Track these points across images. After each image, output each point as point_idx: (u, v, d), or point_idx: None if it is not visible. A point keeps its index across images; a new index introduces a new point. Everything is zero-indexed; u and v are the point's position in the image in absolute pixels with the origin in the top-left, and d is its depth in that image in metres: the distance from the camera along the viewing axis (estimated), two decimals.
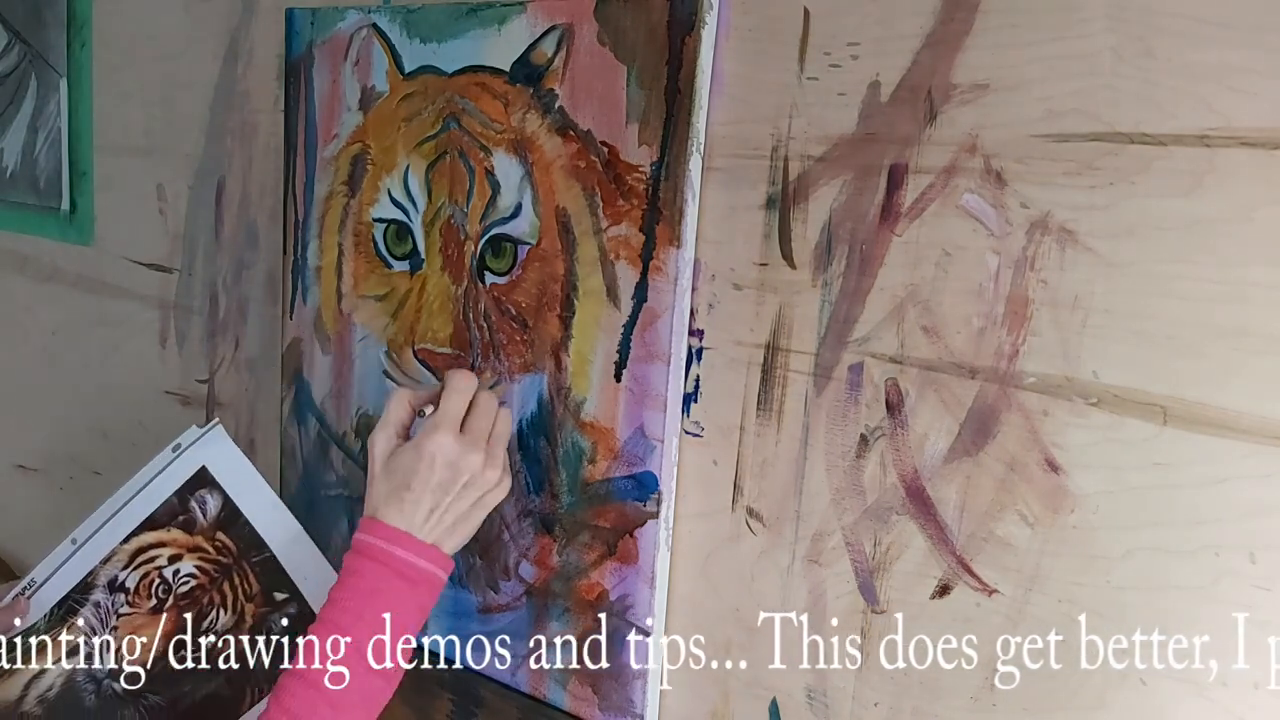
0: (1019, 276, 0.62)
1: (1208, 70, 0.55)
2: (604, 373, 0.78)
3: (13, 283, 1.42)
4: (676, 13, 0.72)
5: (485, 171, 0.83)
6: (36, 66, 1.31)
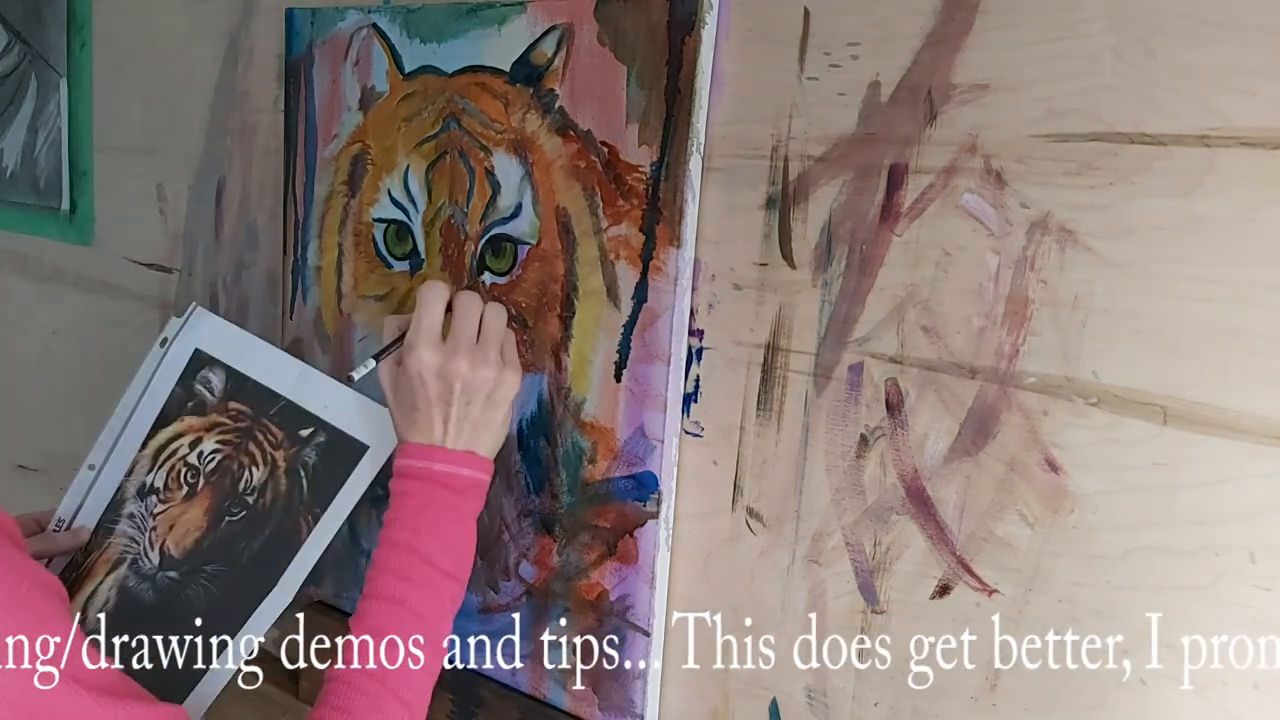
0: (1019, 276, 0.62)
1: (1208, 70, 0.55)
2: (604, 373, 0.78)
3: (13, 283, 1.42)
4: (676, 13, 0.72)
5: (485, 171, 0.83)
6: (36, 66, 1.31)
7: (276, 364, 0.87)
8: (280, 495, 0.85)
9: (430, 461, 0.74)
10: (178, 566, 0.87)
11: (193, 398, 0.88)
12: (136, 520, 0.88)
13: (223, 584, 0.85)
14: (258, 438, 0.87)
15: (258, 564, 0.85)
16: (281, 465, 0.86)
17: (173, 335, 0.88)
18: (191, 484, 0.87)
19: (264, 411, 0.87)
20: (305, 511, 0.85)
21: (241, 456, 0.87)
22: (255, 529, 0.86)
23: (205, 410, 0.88)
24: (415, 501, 0.74)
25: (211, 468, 0.87)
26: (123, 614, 0.87)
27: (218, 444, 0.87)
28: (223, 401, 0.88)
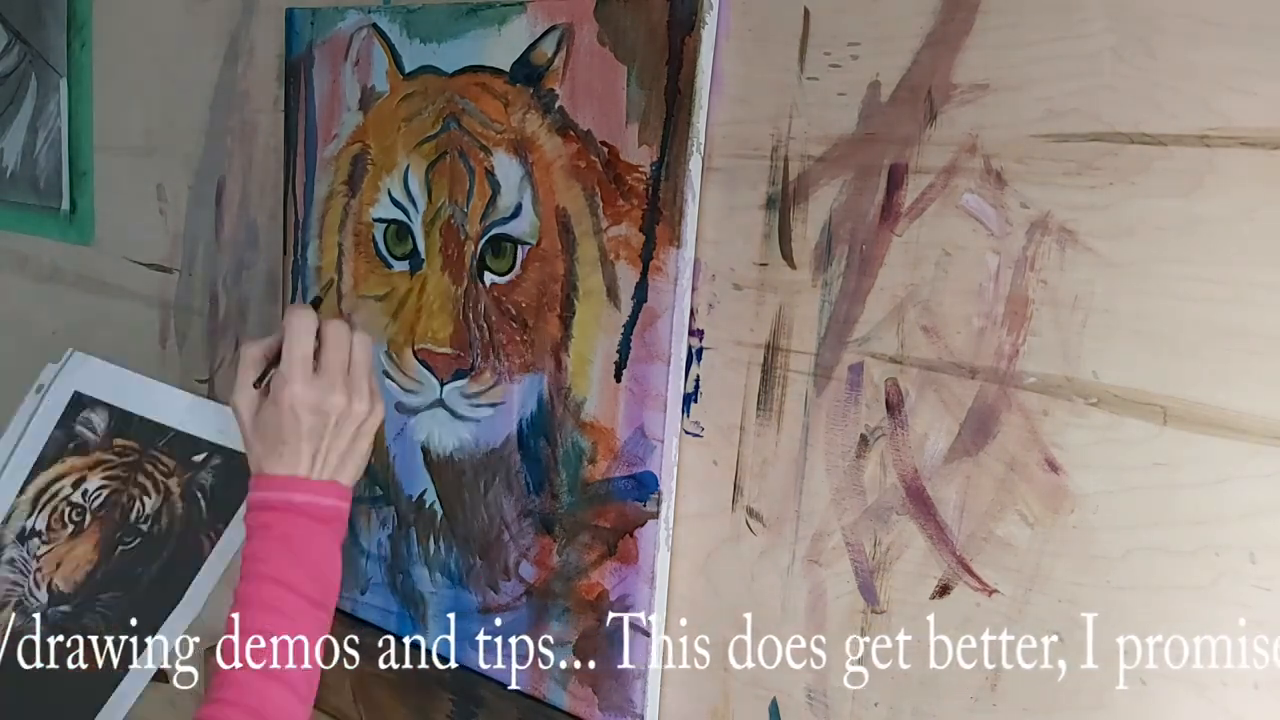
0: (1019, 276, 0.62)
1: (1208, 70, 0.55)
2: (604, 373, 0.78)
3: (13, 283, 1.42)
4: (676, 13, 0.72)
5: (485, 171, 0.83)
6: (36, 66, 1.31)
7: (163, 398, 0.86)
8: (177, 519, 0.86)
9: (289, 493, 0.73)
10: (69, 600, 0.86)
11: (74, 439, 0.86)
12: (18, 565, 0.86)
13: (121, 609, 0.86)
14: (147, 469, 0.86)
15: (158, 584, 0.85)
16: (175, 491, 0.86)
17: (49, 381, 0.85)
18: (77, 521, 0.86)
19: (152, 444, 0.86)
20: (206, 529, 0.86)
21: (131, 489, 0.86)
22: (152, 553, 0.86)
23: (88, 449, 0.86)
24: (278, 532, 0.72)
25: (98, 503, 0.86)
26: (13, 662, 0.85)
27: (104, 480, 0.86)
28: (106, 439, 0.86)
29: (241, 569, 0.73)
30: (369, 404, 0.75)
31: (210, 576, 0.85)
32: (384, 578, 0.95)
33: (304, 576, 0.72)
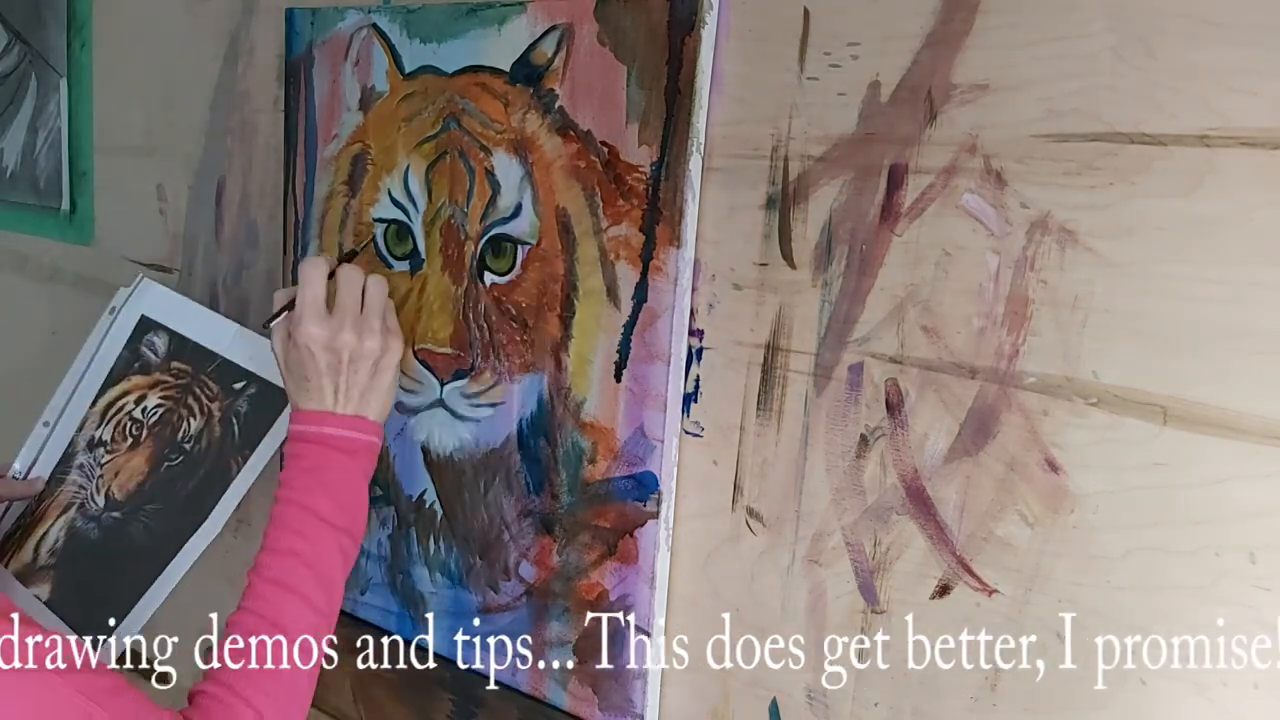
0: (1019, 276, 0.62)
1: (1208, 70, 0.55)
2: (604, 373, 0.78)
3: (13, 283, 1.42)
4: (676, 13, 0.72)
5: (485, 171, 0.83)
6: (36, 66, 1.31)
7: (215, 326, 0.96)
8: (214, 441, 0.94)
9: (321, 426, 0.78)
10: (120, 507, 0.95)
11: (139, 359, 0.97)
12: (85, 470, 0.97)
13: (162, 519, 0.94)
14: (196, 392, 0.95)
15: (192, 500, 0.93)
16: (216, 415, 0.94)
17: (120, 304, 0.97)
18: (135, 435, 0.96)
19: (202, 369, 0.95)
20: (235, 454, 0.93)
21: (181, 409, 0.95)
22: (190, 471, 0.94)
23: (150, 370, 0.96)
24: (308, 463, 0.77)
25: (155, 420, 0.96)
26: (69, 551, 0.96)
27: (160, 399, 0.96)
28: (165, 361, 0.96)
29: (276, 491, 0.78)
30: (381, 340, 0.78)
31: (233, 498, 0.92)
32: (384, 578, 0.95)
33: (328, 503, 0.76)
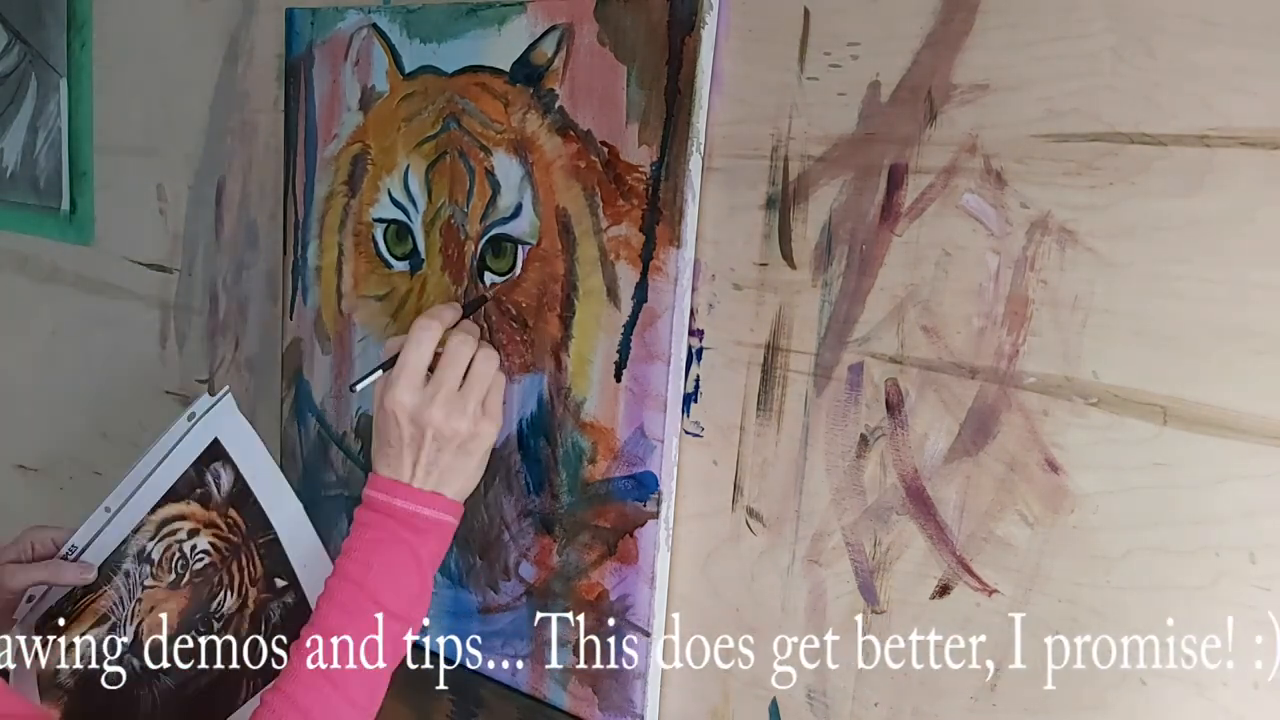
0: (1019, 276, 0.62)
1: (1208, 70, 0.55)
2: (604, 373, 0.78)
3: (13, 283, 1.42)
4: (676, 13, 0.72)
5: (485, 171, 0.83)
6: (36, 66, 1.31)
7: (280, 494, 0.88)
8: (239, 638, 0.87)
9: (393, 497, 0.74)
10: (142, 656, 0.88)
11: (202, 485, 0.89)
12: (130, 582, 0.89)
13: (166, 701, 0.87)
14: (241, 560, 0.88)
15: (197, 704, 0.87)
16: (250, 606, 0.87)
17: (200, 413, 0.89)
18: (179, 574, 0.88)
19: (255, 536, 0.87)
20: (250, 679, 0.86)
21: (224, 573, 0.88)
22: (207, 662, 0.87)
23: (209, 503, 0.88)
24: (372, 535, 0.74)
25: (199, 568, 0.88)
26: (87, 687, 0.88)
27: (210, 544, 0.88)
28: (225, 504, 0.88)
29: (337, 560, 0.75)
30: (471, 424, 0.73)
31: None
32: None
33: (385, 585, 0.72)
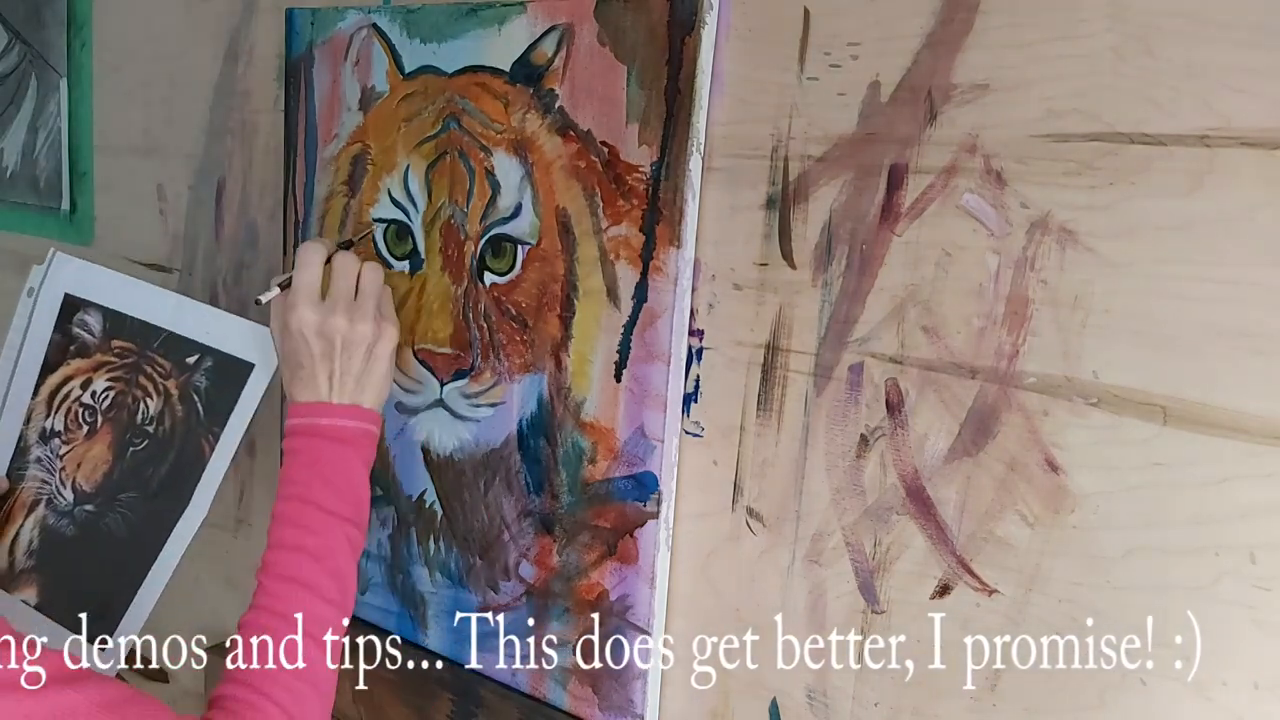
0: (1019, 276, 0.62)
1: (1208, 70, 0.55)
2: (604, 373, 0.78)
3: (13, 283, 1.42)
4: (676, 13, 0.72)
5: (485, 171, 0.83)
6: (36, 66, 1.31)
7: (151, 298, 0.90)
8: (178, 421, 0.89)
9: (315, 418, 0.77)
10: (92, 499, 0.91)
11: (73, 341, 0.91)
12: (44, 463, 0.92)
13: (139, 508, 0.89)
14: (146, 371, 0.90)
15: (169, 486, 0.89)
16: (174, 393, 0.89)
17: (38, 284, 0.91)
18: (90, 422, 0.91)
19: (148, 345, 0.90)
20: (205, 432, 0.88)
21: (134, 390, 0.90)
22: (160, 455, 0.89)
23: (89, 351, 0.91)
24: (305, 458, 0.77)
25: (107, 404, 0.91)
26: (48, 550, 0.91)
27: (109, 382, 0.91)
28: (104, 341, 0.91)
29: (278, 490, 0.78)
30: (374, 326, 0.78)
31: (213, 480, 0.88)
32: (384, 578, 0.95)
33: (330, 495, 0.76)
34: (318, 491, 0.76)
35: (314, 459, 0.77)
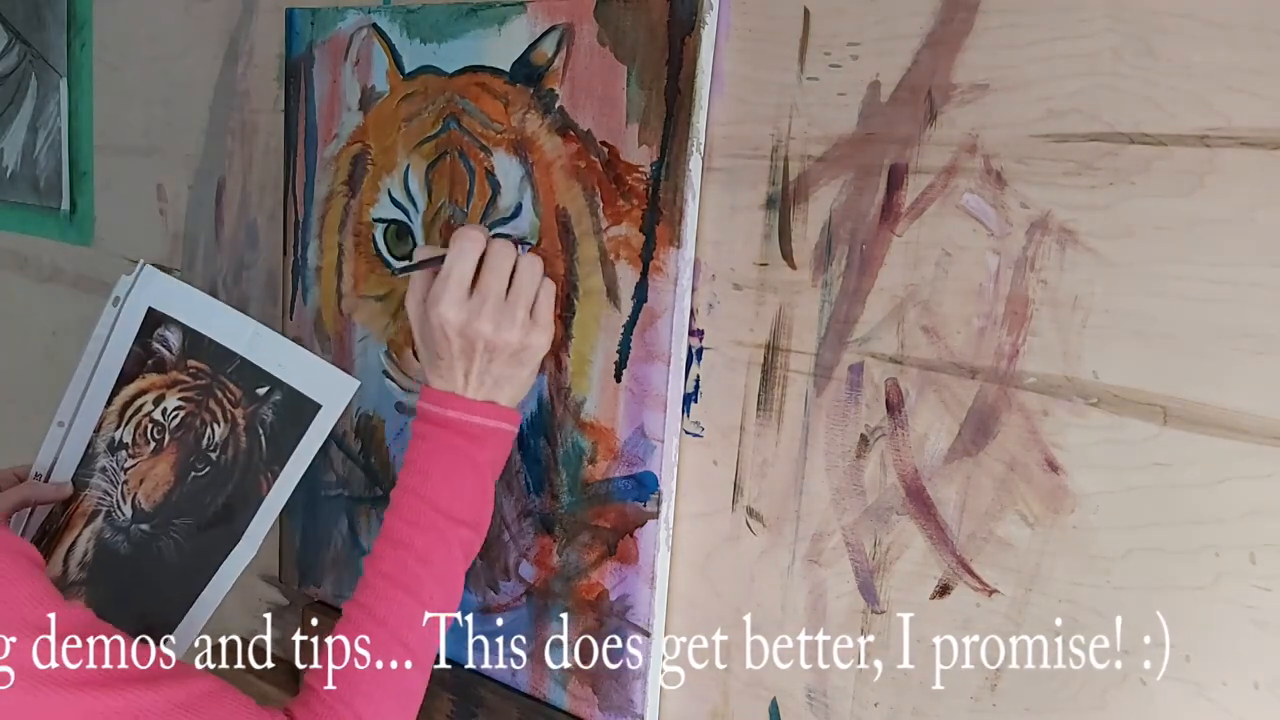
0: (1019, 276, 0.62)
1: (1208, 70, 0.55)
2: (604, 373, 0.78)
3: (13, 283, 1.42)
4: (676, 13, 0.72)
5: (485, 172, 0.83)
6: (36, 66, 1.31)
7: (230, 322, 0.89)
8: (241, 452, 0.88)
9: (445, 408, 0.73)
10: (149, 519, 0.90)
11: (151, 355, 0.91)
12: (109, 474, 0.91)
13: (191, 537, 0.88)
14: (217, 395, 0.89)
15: (223, 518, 0.88)
16: (241, 423, 0.88)
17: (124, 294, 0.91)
18: (158, 440, 0.90)
19: (222, 369, 0.89)
20: (264, 469, 0.87)
21: (203, 413, 0.89)
22: (219, 484, 0.88)
23: (165, 368, 0.90)
24: (429, 446, 0.74)
25: (176, 424, 0.90)
26: (100, 565, 0.91)
27: (180, 401, 0.90)
28: (181, 359, 0.90)
29: (399, 473, 0.75)
30: (521, 334, 0.73)
31: (266, 520, 0.86)
32: None
33: (448, 493, 0.72)
34: (435, 487, 0.72)
35: (437, 450, 0.73)
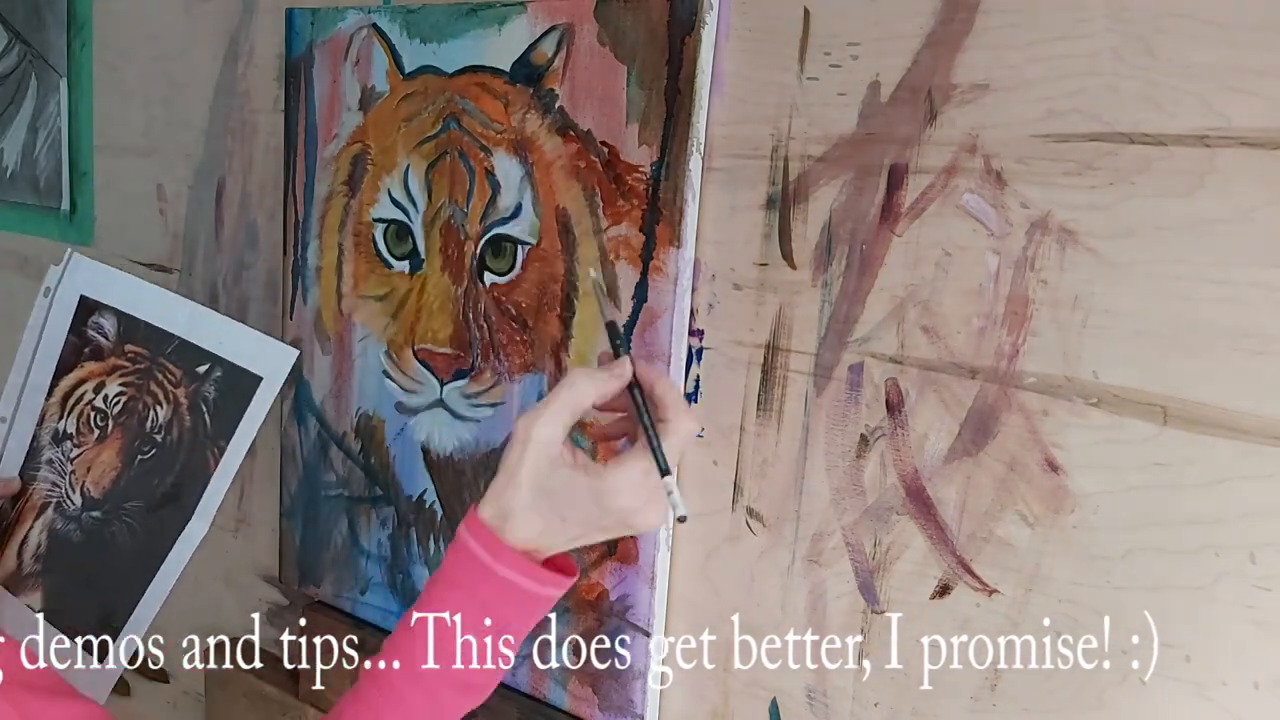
0: (1019, 276, 0.62)
1: (1208, 70, 0.55)
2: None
3: (13, 283, 1.42)
4: (676, 13, 0.72)
5: (485, 171, 0.83)
6: (36, 66, 1.31)
7: (165, 304, 0.89)
8: (185, 431, 0.88)
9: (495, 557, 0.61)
10: (99, 506, 0.90)
11: (88, 344, 0.91)
12: (56, 465, 0.92)
13: (143, 519, 0.89)
14: (158, 377, 0.89)
15: (172, 498, 0.88)
16: (184, 403, 0.89)
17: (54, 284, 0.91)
18: (101, 427, 0.91)
19: (160, 351, 0.89)
20: (210, 445, 0.87)
21: (145, 397, 0.90)
22: (166, 465, 0.89)
23: (103, 355, 0.91)
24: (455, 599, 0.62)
25: (118, 409, 0.91)
26: (54, 555, 0.91)
27: (121, 386, 0.90)
28: (118, 345, 0.90)
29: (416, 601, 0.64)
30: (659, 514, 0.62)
31: (215, 496, 0.87)
32: (384, 578, 0.95)
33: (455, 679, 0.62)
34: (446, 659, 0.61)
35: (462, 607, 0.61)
